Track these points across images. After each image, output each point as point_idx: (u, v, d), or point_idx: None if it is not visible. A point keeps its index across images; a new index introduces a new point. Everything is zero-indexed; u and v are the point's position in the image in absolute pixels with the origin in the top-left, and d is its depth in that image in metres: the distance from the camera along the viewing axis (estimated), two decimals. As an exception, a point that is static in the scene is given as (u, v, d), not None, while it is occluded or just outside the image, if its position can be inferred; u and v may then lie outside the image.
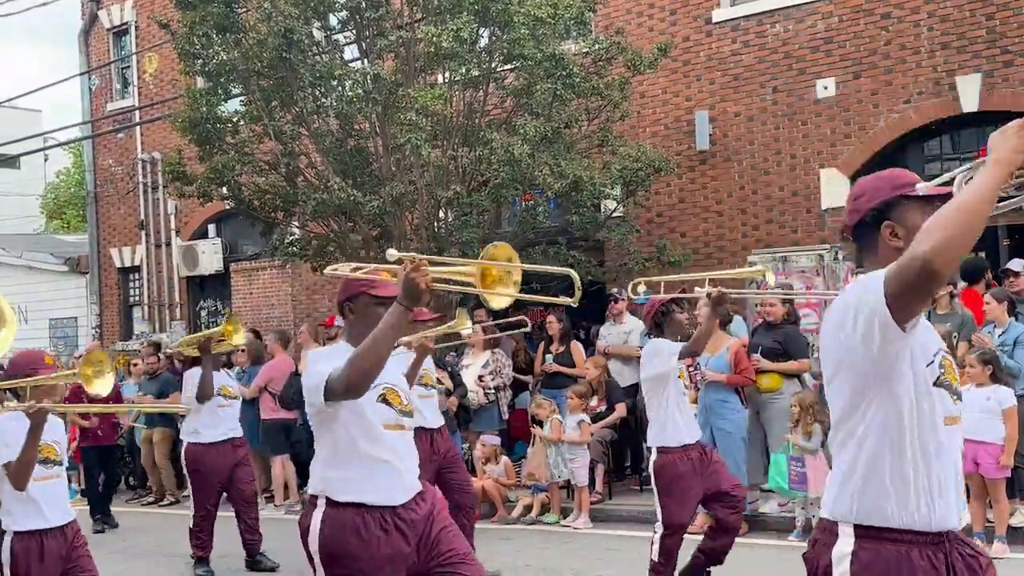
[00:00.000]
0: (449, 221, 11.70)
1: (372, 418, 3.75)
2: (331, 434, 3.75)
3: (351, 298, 3.89)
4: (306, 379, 3.75)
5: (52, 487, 4.87)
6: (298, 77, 11.38)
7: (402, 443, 3.85)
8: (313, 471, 3.86)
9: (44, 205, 35.49)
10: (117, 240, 19.00)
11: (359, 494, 3.70)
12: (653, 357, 6.23)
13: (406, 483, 3.81)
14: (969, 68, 11.13)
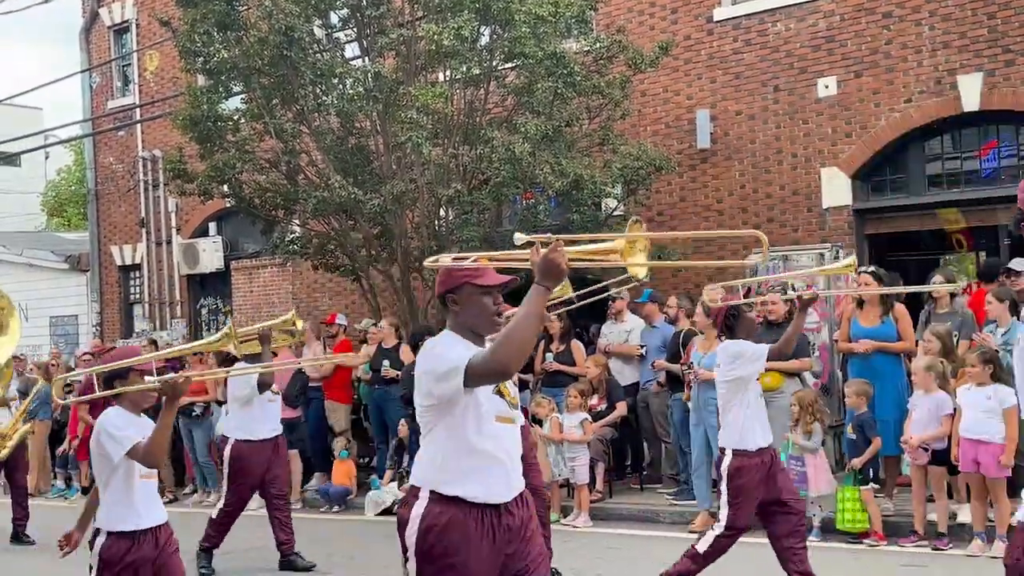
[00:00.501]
0: (450, 219, 11.70)
1: (487, 409, 3.66)
2: (443, 425, 3.65)
3: (454, 289, 3.77)
4: (428, 366, 3.64)
5: (150, 486, 4.85)
6: (299, 75, 11.38)
7: (511, 438, 3.77)
8: (418, 462, 3.77)
9: (45, 203, 35.47)
10: (118, 238, 19.00)
11: (465, 489, 3.61)
12: (735, 359, 6.09)
13: (511, 481, 3.72)
14: (970, 67, 11.11)
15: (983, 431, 7.35)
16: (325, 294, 16.05)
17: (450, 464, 3.62)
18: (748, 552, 7.11)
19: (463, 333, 3.73)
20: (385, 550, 8.73)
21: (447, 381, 3.54)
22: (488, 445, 3.64)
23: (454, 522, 3.57)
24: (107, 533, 4.72)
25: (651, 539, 8.60)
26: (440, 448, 3.66)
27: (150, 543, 4.78)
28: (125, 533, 4.72)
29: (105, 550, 4.71)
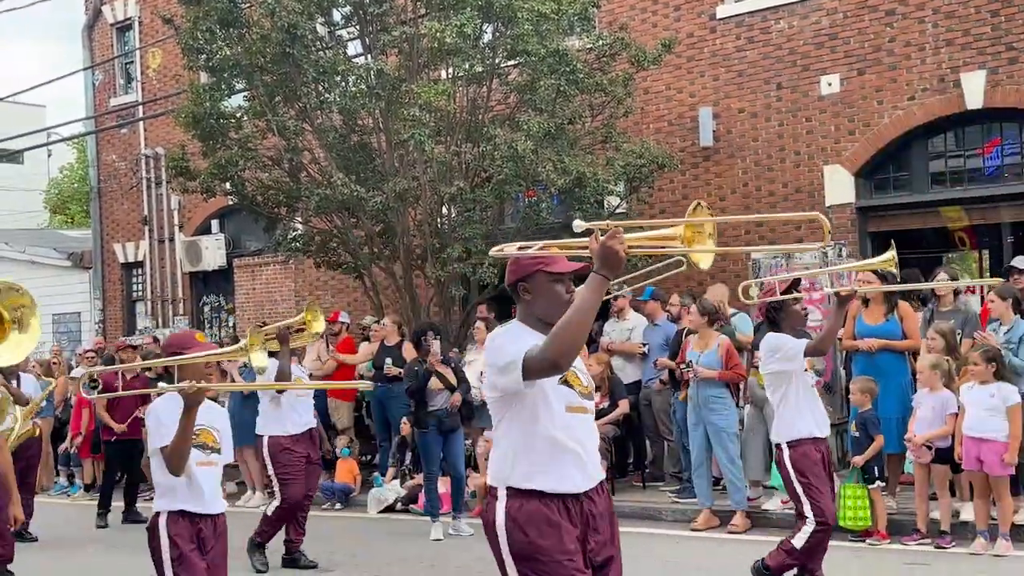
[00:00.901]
0: (452, 217, 11.70)
1: (555, 400, 3.56)
2: (513, 418, 3.56)
3: (525, 277, 3.66)
4: (489, 358, 3.57)
5: (210, 473, 4.70)
6: (301, 72, 11.38)
7: (585, 427, 3.66)
8: (492, 460, 3.66)
9: (48, 200, 35.50)
10: (120, 235, 19.01)
11: (543, 482, 3.51)
12: (774, 353, 5.97)
13: (590, 470, 3.62)
14: (974, 65, 11.10)
15: (986, 429, 7.34)
16: (327, 292, 16.05)
17: (523, 458, 3.54)
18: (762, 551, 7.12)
19: (533, 324, 3.63)
20: (387, 547, 8.75)
21: (507, 375, 3.47)
22: (560, 436, 3.54)
23: (538, 514, 3.49)
24: (167, 513, 4.61)
25: (653, 537, 8.60)
26: (512, 443, 3.58)
27: (208, 530, 4.68)
28: (185, 513, 4.61)
29: (170, 527, 4.60)
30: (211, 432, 4.73)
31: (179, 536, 4.56)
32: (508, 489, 3.54)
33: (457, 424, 9.15)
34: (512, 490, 3.54)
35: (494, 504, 3.58)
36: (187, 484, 4.59)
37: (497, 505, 3.56)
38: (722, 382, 8.81)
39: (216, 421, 4.82)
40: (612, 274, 3.34)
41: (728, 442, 8.71)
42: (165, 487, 4.64)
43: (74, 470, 13.43)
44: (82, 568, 8.68)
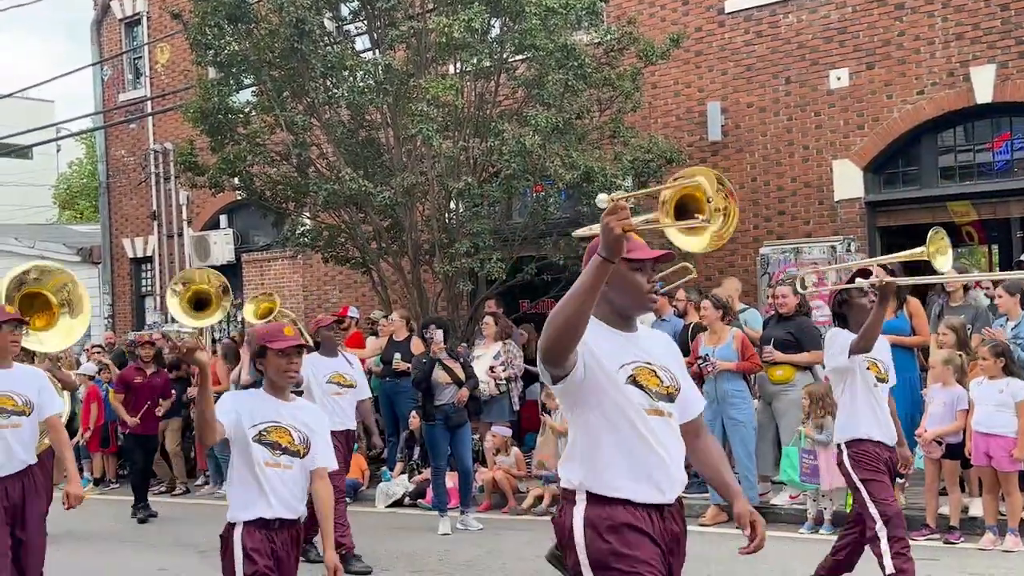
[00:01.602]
0: (460, 212, 11.70)
1: (621, 402, 3.26)
2: (582, 419, 3.29)
3: None
4: None
5: (286, 477, 4.33)
6: (309, 67, 11.38)
7: (664, 431, 3.32)
8: (568, 461, 3.38)
9: (57, 196, 35.62)
10: (129, 230, 19.05)
11: (623, 488, 3.24)
12: (830, 347, 5.74)
13: (672, 476, 3.31)
14: (983, 59, 11.05)
15: (995, 424, 7.32)
16: (335, 287, 16.08)
17: (601, 462, 3.26)
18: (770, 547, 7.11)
19: (609, 314, 3.34)
20: (395, 542, 8.77)
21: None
22: (639, 441, 3.26)
23: (621, 520, 3.22)
24: (242, 524, 4.27)
25: (661, 532, 8.59)
26: (587, 445, 3.30)
27: (282, 537, 4.33)
28: (259, 521, 4.27)
29: (246, 540, 4.24)
30: (288, 431, 4.36)
31: (255, 551, 4.23)
32: (588, 495, 3.28)
33: (464, 419, 9.16)
34: (591, 495, 3.28)
35: (570, 509, 3.31)
36: (262, 490, 4.27)
37: (575, 511, 3.29)
38: (739, 376, 8.79)
39: (298, 420, 4.42)
40: (611, 253, 2.92)
41: (747, 436, 8.70)
42: (237, 495, 4.34)
43: (83, 464, 13.48)
44: (88, 563, 8.71)
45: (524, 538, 8.56)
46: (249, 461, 4.29)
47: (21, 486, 5.41)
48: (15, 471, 5.41)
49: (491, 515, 9.61)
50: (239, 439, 4.29)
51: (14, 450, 5.42)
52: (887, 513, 5.48)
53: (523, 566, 7.58)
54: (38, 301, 5.75)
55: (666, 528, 3.30)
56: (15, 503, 5.40)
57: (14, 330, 5.43)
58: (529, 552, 7.82)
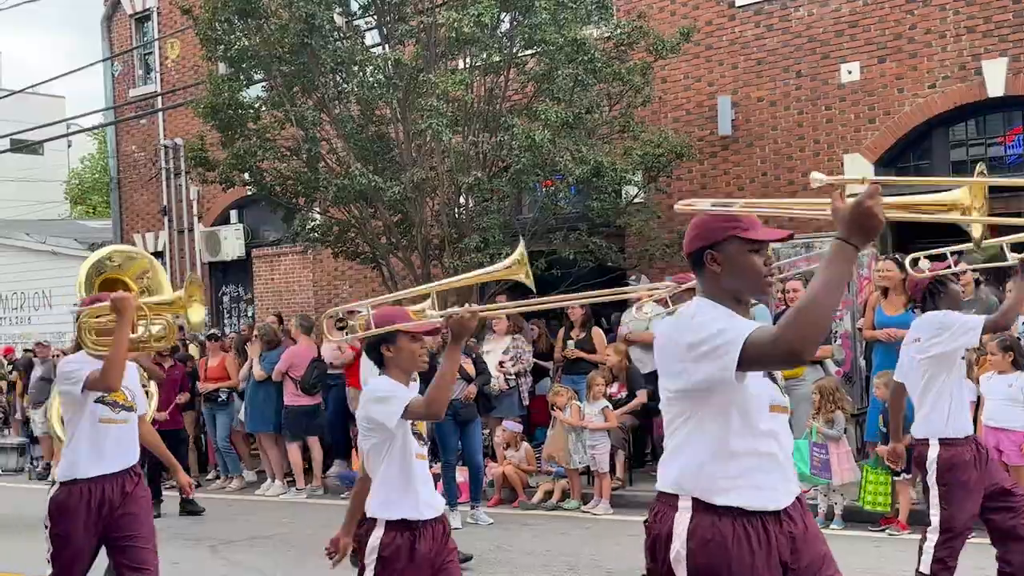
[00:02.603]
0: (470, 207, 11.70)
1: (758, 397, 2.98)
2: (704, 417, 2.96)
3: (714, 244, 3.01)
4: (687, 338, 2.92)
5: (426, 469, 4.11)
6: (319, 63, 11.39)
7: (786, 430, 3.10)
8: (671, 463, 3.06)
9: (68, 191, 35.74)
10: (140, 226, 19.11)
11: (739, 496, 2.93)
12: (940, 332, 5.23)
13: (789, 480, 3.05)
14: (995, 52, 11.00)
15: (1005, 419, 7.30)
16: (345, 282, 16.10)
17: (717, 466, 2.95)
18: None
19: (722, 299, 3.01)
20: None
21: (712, 360, 2.84)
22: (762, 441, 2.97)
23: (729, 535, 2.91)
24: (384, 523, 3.96)
25: (671, 526, 8.60)
26: (703, 446, 2.97)
27: (428, 538, 4.00)
28: (405, 523, 3.96)
29: (384, 545, 3.93)
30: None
31: (395, 552, 3.93)
32: (695, 502, 2.96)
33: (474, 415, 9.16)
34: (700, 503, 2.96)
35: (671, 515, 2.99)
36: (406, 485, 3.98)
37: (677, 518, 2.97)
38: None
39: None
40: (864, 242, 2.69)
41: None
42: (379, 491, 4.02)
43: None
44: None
45: (533, 533, 8.57)
46: (406, 453, 4.01)
47: (122, 486, 4.93)
48: (119, 470, 4.96)
49: (501, 510, 9.62)
50: (399, 431, 3.99)
51: (122, 448, 5.00)
52: (953, 528, 5.23)
53: (531, 560, 7.60)
54: (118, 287, 5.38)
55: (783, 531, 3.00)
56: (116, 506, 4.91)
57: None
58: (538, 547, 7.84)
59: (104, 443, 4.91)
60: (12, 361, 16.99)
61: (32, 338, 18.15)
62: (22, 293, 20.62)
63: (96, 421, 4.89)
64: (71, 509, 4.84)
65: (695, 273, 3.12)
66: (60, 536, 4.86)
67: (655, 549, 3.03)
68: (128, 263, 5.57)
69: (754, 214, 3.07)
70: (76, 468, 4.87)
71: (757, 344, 2.77)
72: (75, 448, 4.89)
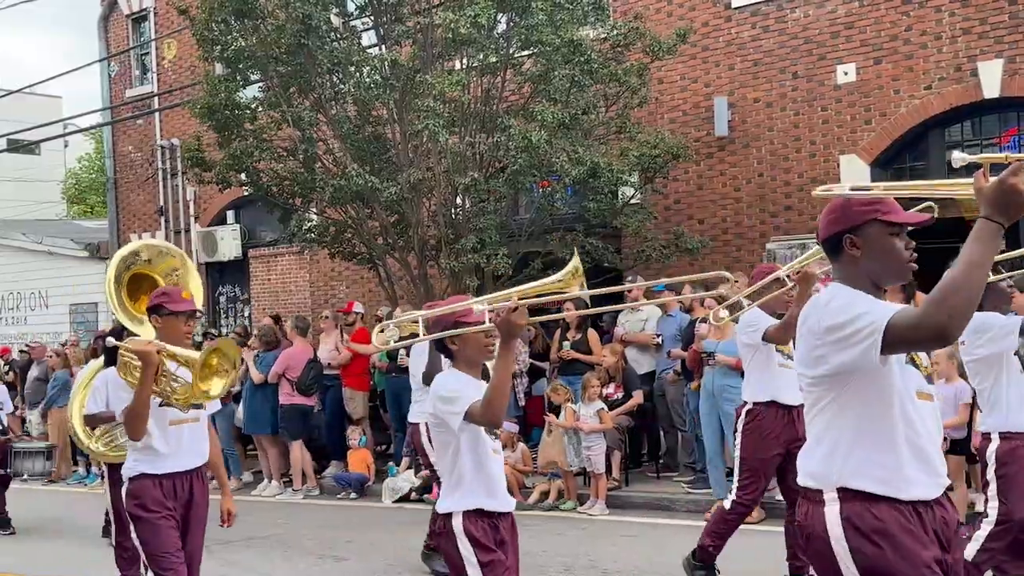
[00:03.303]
0: (466, 208, 11.71)
1: (902, 383, 2.86)
2: (848, 404, 2.86)
3: (854, 228, 2.95)
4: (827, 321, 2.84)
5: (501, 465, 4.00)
6: (316, 63, 11.39)
7: (933, 418, 2.95)
8: (815, 451, 2.96)
9: (65, 191, 35.73)
10: (137, 226, 19.10)
11: (889, 485, 2.82)
12: (982, 334, 5.25)
13: (939, 470, 2.93)
14: (991, 53, 11.02)
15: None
16: (342, 282, 16.10)
17: (861, 453, 2.86)
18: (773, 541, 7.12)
19: (861, 284, 2.93)
20: (402, 537, 8.78)
21: (855, 345, 2.76)
22: (908, 428, 2.87)
23: (890, 520, 2.81)
24: (462, 513, 3.83)
25: (667, 527, 8.61)
26: (846, 433, 2.88)
27: (506, 530, 3.92)
28: (484, 512, 3.85)
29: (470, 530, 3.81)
30: None
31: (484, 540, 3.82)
32: (842, 491, 2.87)
33: None
34: (848, 492, 2.86)
35: (819, 511, 2.89)
36: (478, 481, 3.85)
37: (827, 512, 2.87)
38: (737, 372, 8.78)
39: None
40: (1008, 219, 2.63)
41: (741, 432, 8.70)
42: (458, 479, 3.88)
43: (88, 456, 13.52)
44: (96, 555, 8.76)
45: (529, 533, 8.57)
46: (477, 449, 3.86)
47: (190, 485, 4.86)
48: (188, 468, 4.85)
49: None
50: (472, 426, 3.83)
51: (193, 446, 4.88)
52: (1011, 519, 5.20)
53: (528, 561, 7.56)
54: (145, 284, 5.25)
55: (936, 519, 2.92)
56: (184, 503, 4.84)
57: (188, 320, 4.94)
58: (534, 547, 7.84)
59: (177, 443, 4.81)
60: (9, 361, 16.98)
61: (29, 338, 18.16)
62: (18, 293, 20.60)
63: (167, 425, 4.78)
64: (148, 495, 4.74)
65: (832, 259, 3.06)
66: (141, 520, 4.72)
67: (814, 548, 2.92)
68: (158, 259, 5.33)
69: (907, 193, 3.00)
70: (146, 464, 4.78)
71: (901, 326, 2.71)
72: (146, 447, 4.77)
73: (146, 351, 4.53)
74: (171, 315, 4.80)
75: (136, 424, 4.61)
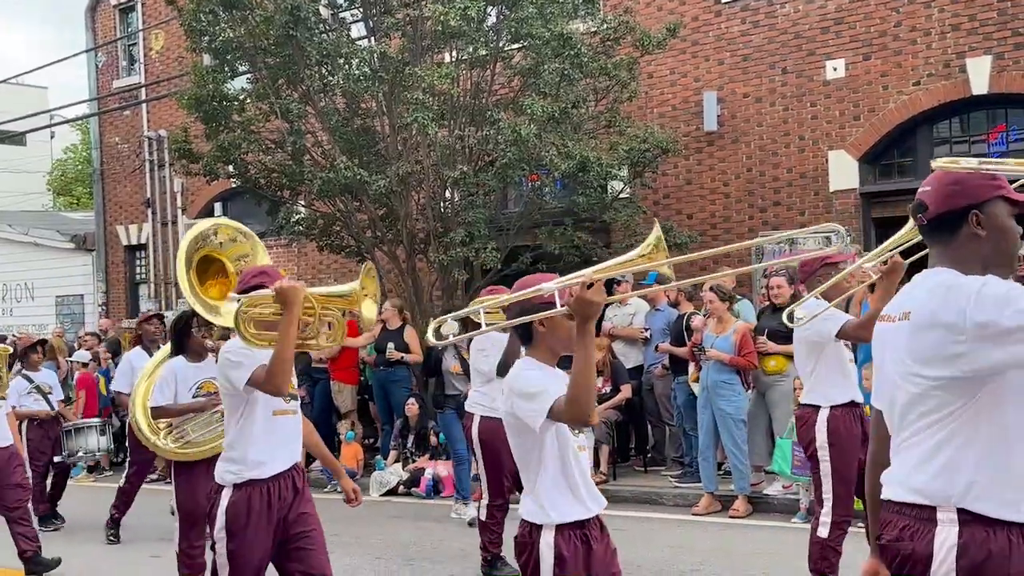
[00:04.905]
0: (455, 201, 11.69)
1: None
2: (980, 411, 2.48)
3: (982, 204, 2.61)
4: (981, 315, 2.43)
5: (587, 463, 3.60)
6: (305, 55, 11.35)
7: None
8: (927, 465, 2.56)
9: (51, 182, 35.53)
10: (123, 218, 19.02)
11: (1014, 507, 2.45)
12: None
13: None
14: (979, 50, 11.05)
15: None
16: (330, 275, 16.06)
17: (995, 471, 2.47)
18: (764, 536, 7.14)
19: (972, 268, 2.58)
20: (389, 530, 8.77)
21: (1008, 343, 2.39)
22: None
23: (1009, 553, 2.44)
24: (555, 527, 3.43)
25: (654, 521, 8.62)
26: (976, 447, 2.49)
27: (598, 536, 3.55)
28: (577, 523, 3.45)
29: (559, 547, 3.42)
30: None
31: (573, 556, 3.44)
32: (963, 513, 2.48)
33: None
34: (969, 515, 2.48)
35: (928, 531, 2.52)
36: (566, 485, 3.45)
37: (938, 534, 2.50)
38: (731, 368, 8.80)
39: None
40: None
41: (735, 428, 8.72)
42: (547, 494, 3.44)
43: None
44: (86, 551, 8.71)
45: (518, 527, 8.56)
46: (565, 452, 3.46)
47: (292, 482, 4.43)
48: (289, 466, 4.45)
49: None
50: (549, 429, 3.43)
51: (292, 440, 4.54)
52: None
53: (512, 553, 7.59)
54: (213, 267, 4.91)
55: None
56: (290, 504, 4.38)
57: None
58: (522, 541, 7.83)
59: (277, 438, 4.39)
60: (-7, 353, 16.87)
61: (15, 330, 18.06)
62: (4, 285, 20.50)
63: (270, 415, 4.36)
64: (250, 514, 4.26)
65: (938, 238, 2.71)
66: (238, 548, 4.24)
67: (909, 572, 2.56)
68: (228, 244, 4.93)
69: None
70: (250, 469, 4.31)
71: None
72: (246, 446, 4.32)
73: (291, 286, 4.03)
74: None
75: (281, 375, 4.07)
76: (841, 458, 5.71)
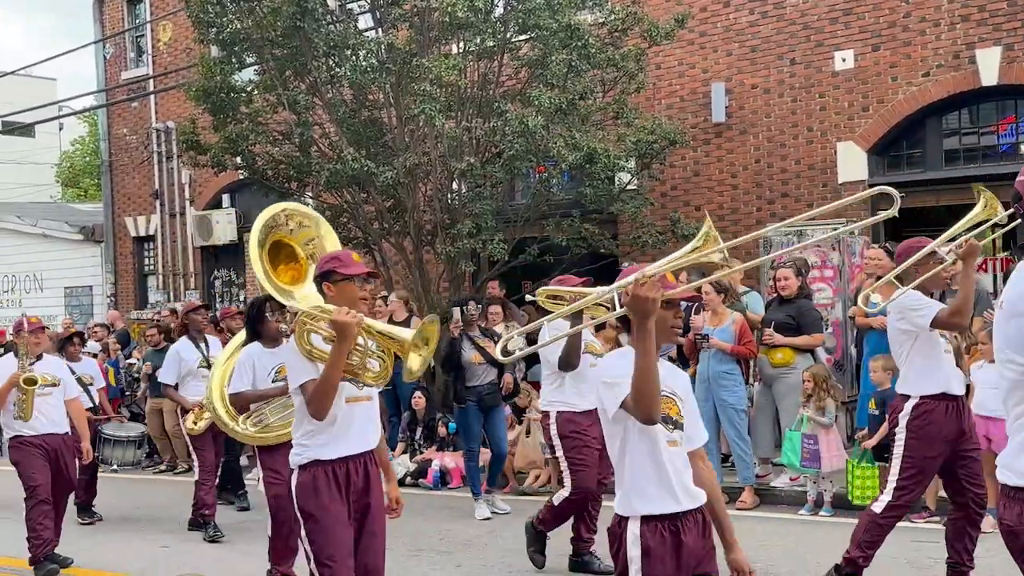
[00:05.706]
0: (463, 193, 11.68)
1: None
2: None
3: None
4: None
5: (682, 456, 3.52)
6: (312, 46, 11.34)
7: None
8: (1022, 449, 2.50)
9: (59, 174, 35.60)
10: (132, 209, 19.05)
11: None
12: None
13: None
14: (989, 41, 10.99)
15: (994, 408, 7.30)
16: (338, 267, 16.06)
17: None
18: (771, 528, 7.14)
19: None
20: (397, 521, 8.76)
21: None
22: None
23: None
24: (641, 518, 3.42)
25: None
26: None
27: (692, 530, 3.47)
28: (665, 516, 3.42)
29: (646, 538, 3.40)
30: (672, 401, 3.55)
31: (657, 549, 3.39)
32: None
33: (498, 400, 9.02)
34: None
35: None
36: (655, 476, 3.41)
37: None
38: (733, 359, 8.79)
39: (678, 388, 3.63)
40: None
41: (736, 418, 8.72)
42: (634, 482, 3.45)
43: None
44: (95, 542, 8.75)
45: (524, 518, 8.57)
46: (656, 441, 3.41)
47: (364, 470, 4.41)
48: (362, 451, 4.42)
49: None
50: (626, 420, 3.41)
51: (366, 427, 4.47)
52: None
53: (519, 545, 7.60)
54: (284, 252, 4.87)
55: None
56: (359, 490, 4.39)
57: (363, 284, 4.52)
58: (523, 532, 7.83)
59: (350, 424, 4.37)
60: (3, 344, 16.94)
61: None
62: (13, 276, 20.56)
63: (342, 403, 4.33)
64: (318, 493, 4.31)
65: None
66: (314, 528, 4.29)
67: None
68: (299, 229, 4.80)
69: None
70: (315, 451, 4.34)
71: None
72: (315, 432, 4.34)
73: (346, 322, 4.06)
74: (345, 280, 4.34)
75: (323, 401, 4.16)
76: (919, 449, 5.59)
